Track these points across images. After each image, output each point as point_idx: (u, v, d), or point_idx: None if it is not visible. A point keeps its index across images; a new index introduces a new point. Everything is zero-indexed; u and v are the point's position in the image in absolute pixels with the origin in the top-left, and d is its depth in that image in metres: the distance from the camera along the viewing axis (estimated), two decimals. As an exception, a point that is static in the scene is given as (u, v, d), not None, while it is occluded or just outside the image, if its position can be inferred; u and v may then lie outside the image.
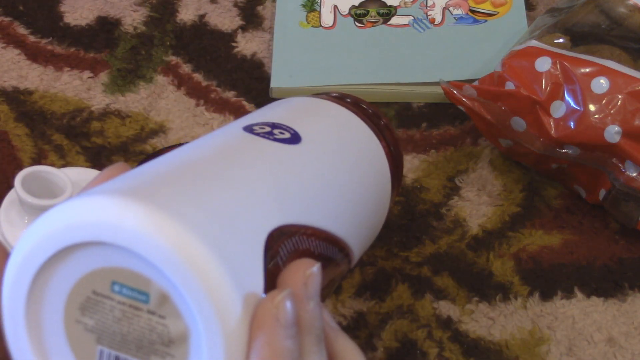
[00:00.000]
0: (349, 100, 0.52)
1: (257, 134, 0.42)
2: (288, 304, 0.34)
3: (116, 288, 0.33)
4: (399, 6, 0.77)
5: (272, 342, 0.33)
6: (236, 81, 0.73)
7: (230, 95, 0.72)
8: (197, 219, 0.33)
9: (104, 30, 0.77)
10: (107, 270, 0.33)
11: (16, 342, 0.35)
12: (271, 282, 0.35)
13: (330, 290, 0.45)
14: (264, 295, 0.34)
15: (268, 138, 0.42)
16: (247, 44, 0.76)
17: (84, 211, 0.33)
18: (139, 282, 0.33)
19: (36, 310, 0.34)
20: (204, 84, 0.73)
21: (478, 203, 0.65)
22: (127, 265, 0.33)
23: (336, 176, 0.44)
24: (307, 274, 0.35)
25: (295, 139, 0.43)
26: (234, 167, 0.38)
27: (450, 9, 0.76)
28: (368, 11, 0.77)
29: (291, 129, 0.44)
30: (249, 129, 0.43)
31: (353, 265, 0.47)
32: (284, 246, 0.37)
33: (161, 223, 0.32)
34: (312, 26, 0.76)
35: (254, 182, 0.38)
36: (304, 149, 0.43)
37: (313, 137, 0.45)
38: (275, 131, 0.43)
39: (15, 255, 0.34)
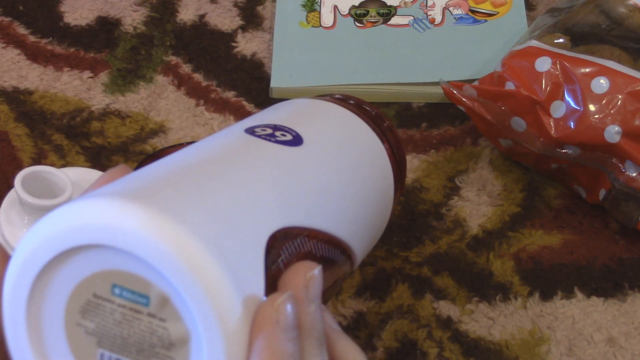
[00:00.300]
0: (351, 102, 0.52)
1: (259, 136, 0.42)
2: (288, 307, 0.34)
3: (117, 291, 0.33)
4: (399, 6, 0.77)
5: (273, 344, 0.33)
6: (236, 81, 0.73)
7: (230, 95, 0.72)
8: (197, 221, 0.33)
9: (104, 30, 0.77)
10: (107, 273, 0.33)
11: (17, 345, 0.35)
12: (272, 284, 0.35)
13: (332, 293, 0.45)
14: (264, 298, 0.34)
15: (269, 140, 0.42)
16: (247, 44, 0.76)
17: (85, 214, 0.33)
18: (140, 285, 0.33)
19: (37, 313, 0.34)
20: (204, 84, 0.73)
21: (478, 203, 0.65)
22: (127, 268, 0.33)
23: (338, 178, 0.44)
24: (308, 276, 0.35)
25: (297, 141, 0.43)
26: (234, 169, 0.38)
27: (450, 9, 0.76)
28: (368, 11, 0.77)
29: (293, 130, 0.44)
30: (250, 131, 0.43)
31: (356, 267, 0.47)
32: (286, 248, 0.37)
33: (161, 225, 0.32)
34: (312, 26, 0.76)
35: (254, 184, 0.38)
36: (306, 151, 0.43)
37: (315, 139, 0.45)
38: (277, 133, 0.43)
39: (16, 258, 0.34)
